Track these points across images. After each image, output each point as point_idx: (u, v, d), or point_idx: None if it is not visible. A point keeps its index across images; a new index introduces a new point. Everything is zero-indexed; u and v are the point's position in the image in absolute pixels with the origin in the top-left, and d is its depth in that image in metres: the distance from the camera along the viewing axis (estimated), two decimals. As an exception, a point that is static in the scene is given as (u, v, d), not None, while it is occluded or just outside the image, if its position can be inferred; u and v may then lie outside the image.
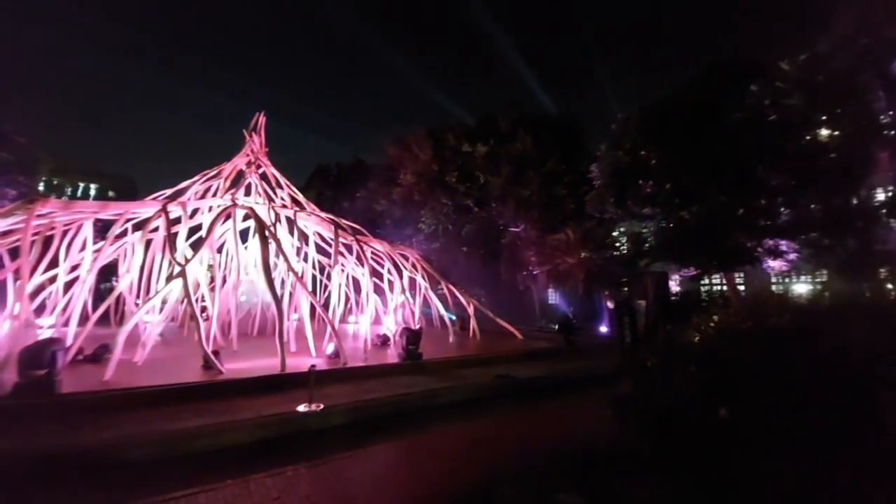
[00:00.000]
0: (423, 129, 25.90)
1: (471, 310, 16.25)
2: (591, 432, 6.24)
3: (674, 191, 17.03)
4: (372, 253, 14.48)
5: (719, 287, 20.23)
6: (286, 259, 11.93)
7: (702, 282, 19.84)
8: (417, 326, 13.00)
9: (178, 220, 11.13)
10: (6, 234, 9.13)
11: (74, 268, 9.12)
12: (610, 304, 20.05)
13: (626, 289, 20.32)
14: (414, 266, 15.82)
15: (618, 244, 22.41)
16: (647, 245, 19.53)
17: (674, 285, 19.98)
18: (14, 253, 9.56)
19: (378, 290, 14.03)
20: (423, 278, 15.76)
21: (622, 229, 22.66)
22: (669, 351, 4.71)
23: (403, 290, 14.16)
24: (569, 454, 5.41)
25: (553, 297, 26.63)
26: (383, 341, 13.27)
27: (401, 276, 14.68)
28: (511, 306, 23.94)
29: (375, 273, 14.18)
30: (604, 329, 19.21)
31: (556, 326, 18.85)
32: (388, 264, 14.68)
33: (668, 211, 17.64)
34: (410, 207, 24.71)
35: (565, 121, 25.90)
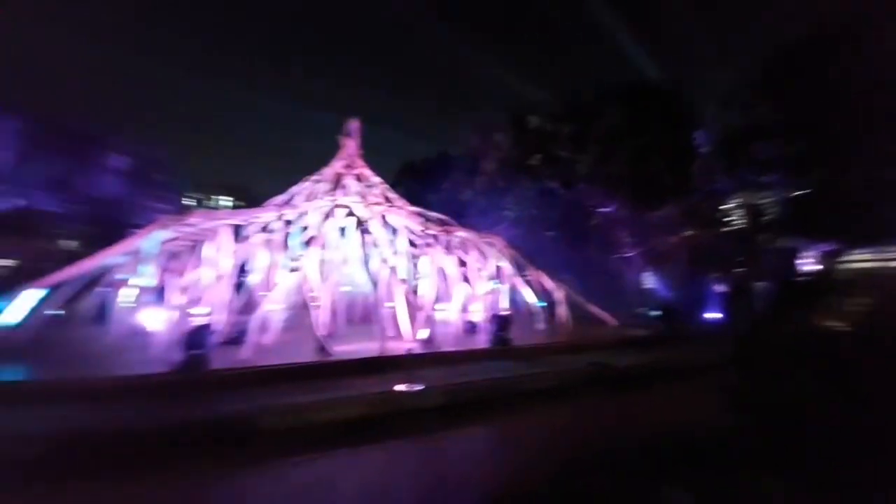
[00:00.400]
0: (503, 115, 25.53)
1: (560, 296, 15.78)
2: (692, 425, 5.76)
3: (801, 153, 14.32)
4: (459, 242, 14.86)
5: (871, 264, 16.58)
6: (381, 251, 12.89)
7: (843, 258, 16.48)
8: (506, 313, 13.07)
9: (290, 221, 12.84)
10: (167, 241, 11.44)
11: (217, 266, 11.04)
12: (721, 288, 17.81)
13: (740, 269, 17.83)
14: (500, 253, 15.83)
15: (730, 219, 19.69)
16: (767, 218, 16.85)
17: (807, 263, 16.96)
18: (174, 256, 11.96)
19: (466, 278, 14.38)
20: (510, 265, 15.71)
21: (738, 202, 19.81)
22: (795, 340, 4.11)
23: (490, 278, 14.31)
24: (668, 446, 5.08)
25: (651, 280, 24.48)
26: (472, 328, 13.62)
27: (487, 264, 14.84)
28: (603, 292, 22.54)
29: (462, 261, 14.55)
30: (713, 315, 17.12)
31: (656, 313, 17.39)
32: (474, 252, 14.93)
33: (794, 177, 14.91)
34: (494, 195, 24.64)
35: (662, 87, 23.24)
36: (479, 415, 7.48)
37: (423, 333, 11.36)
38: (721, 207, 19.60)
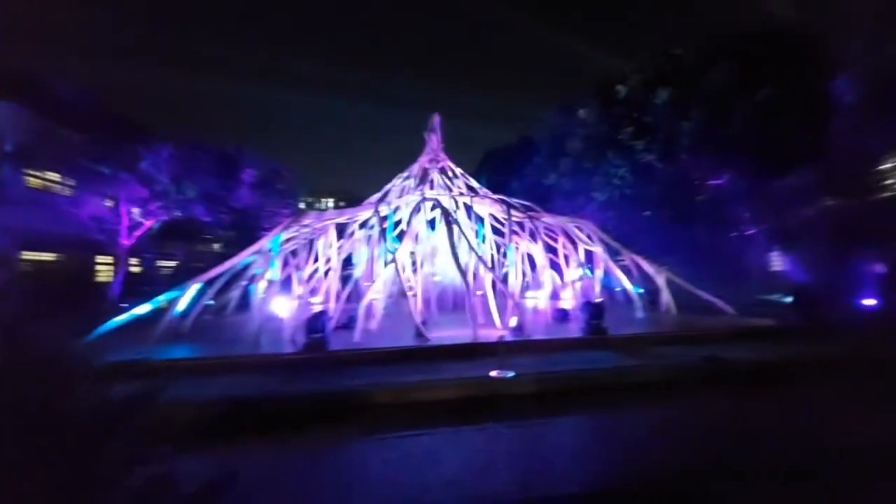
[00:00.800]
0: (588, 89, 23.97)
1: (661, 281, 14.52)
2: (836, 434, 4.97)
3: None
4: (545, 228, 14.57)
5: None
6: (467, 241, 13.29)
7: None
8: (599, 300, 12.51)
9: (385, 217, 13.95)
10: (287, 240, 13.33)
11: (328, 260, 12.58)
12: (879, 268, 14.60)
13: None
14: (590, 237, 15.13)
15: (890, 182, 15.93)
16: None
17: None
18: (294, 253, 13.86)
19: (554, 265, 14.07)
20: (602, 250, 14.93)
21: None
22: None
23: (580, 264, 13.81)
24: (806, 456, 4.47)
25: (781, 262, 20.96)
26: (563, 316, 13.32)
27: (576, 249, 14.32)
28: (718, 277, 20.11)
29: (550, 247, 14.25)
30: (870, 301, 14.10)
31: (790, 299, 14.98)
32: (562, 238, 14.51)
33: None
34: (581, 176, 23.38)
35: (787, 30, 19.49)
36: (575, 405, 7.37)
37: (513, 321, 11.48)
38: (875, 169, 15.94)
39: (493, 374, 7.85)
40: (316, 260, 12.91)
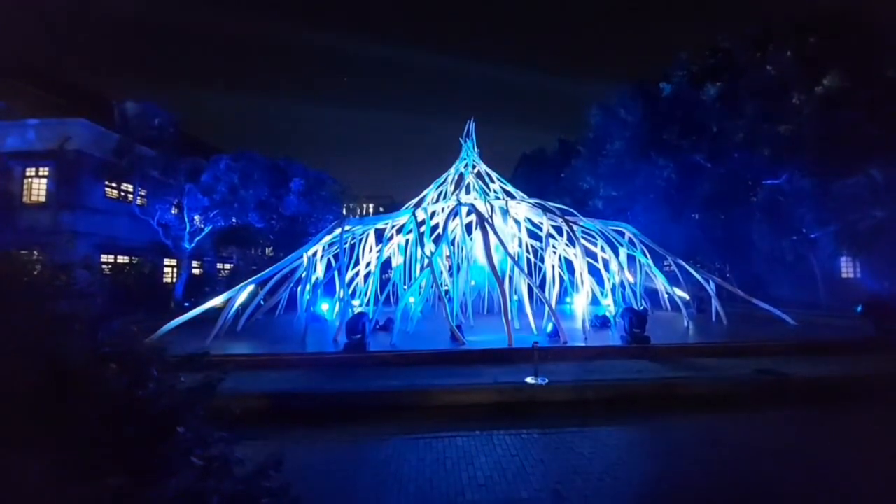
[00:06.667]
0: (629, 86, 23.08)
1: (710, 289, 13.74)
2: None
3: None
4: (583, 232, 14.26)
5: None
6: (503, 245, 13.29)
7: None
8: (642, 308, 12.06)
9: (422, 222, 14.28)
10: (330, 245, 14.00)
11: (368, 264, 13.10)
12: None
13: None
14: (631, 242, 14.61)
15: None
16: None
17: None
18: (336, 257, 14.54)
19: (593, 270, 13.74)
20: (644, 255, 14.37)
21: None
22: None
23: (620, 269, 13.37)
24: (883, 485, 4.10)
25: (849, 268, 19.07)
26: (602, 323, 12.96)
27: (617, 255, 13.89)
28: (775, 284, 18.72)
29: (589, 253, 13.93)
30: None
31: (858, 309, 13.66)
32: (601, 242, 14.14)
33: None
34: (621, 179, 22.55)
35: (851, 13, 17.69)
36: (613, 415, 7.17)
37: (549, 327, 11.35)
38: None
39: (528, 380, 7.83)
40: (357, 263, 13.48)
